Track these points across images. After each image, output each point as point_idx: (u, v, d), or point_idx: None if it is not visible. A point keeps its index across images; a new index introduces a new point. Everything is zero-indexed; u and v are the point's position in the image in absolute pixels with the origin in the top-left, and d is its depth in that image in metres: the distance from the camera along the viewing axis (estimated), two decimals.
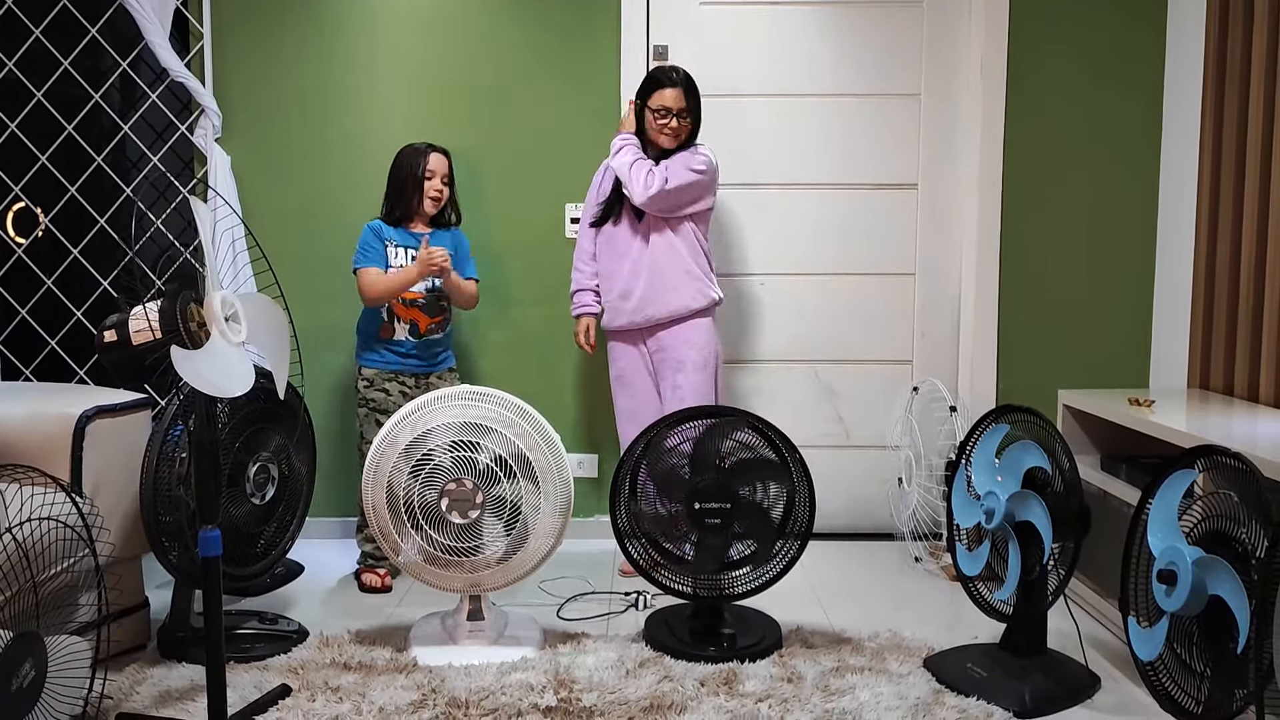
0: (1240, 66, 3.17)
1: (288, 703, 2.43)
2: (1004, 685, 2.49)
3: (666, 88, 3.24)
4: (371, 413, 3.32)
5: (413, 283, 3.25)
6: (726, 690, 2.51)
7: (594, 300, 3.43)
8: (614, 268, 3.35)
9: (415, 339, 3.32)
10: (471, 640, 2.76)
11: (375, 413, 3.31)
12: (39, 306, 3.64)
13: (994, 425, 2.70)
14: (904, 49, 3.73)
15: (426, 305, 3.32)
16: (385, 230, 3.33)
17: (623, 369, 3.41)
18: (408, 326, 3.31)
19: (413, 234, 3.35)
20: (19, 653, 1.88)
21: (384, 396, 3.32)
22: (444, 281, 3.29)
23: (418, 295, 3.30)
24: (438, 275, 3.25)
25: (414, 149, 3.34)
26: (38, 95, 3.56)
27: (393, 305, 3.30)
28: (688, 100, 3.24)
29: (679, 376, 3.29)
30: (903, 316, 3.82)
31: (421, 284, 3.29)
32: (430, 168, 3.31)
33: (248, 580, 2.83)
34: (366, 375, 3.35)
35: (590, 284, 3.43)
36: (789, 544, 2.81)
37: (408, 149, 3.36)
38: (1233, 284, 3.20)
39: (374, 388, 3.34)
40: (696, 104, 3.27)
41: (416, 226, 3.36)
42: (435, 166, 3.32)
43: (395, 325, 3.31)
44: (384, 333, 3.32)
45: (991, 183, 3.70)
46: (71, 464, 2.59)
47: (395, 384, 3.34)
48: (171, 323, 2.12)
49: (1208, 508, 2.13)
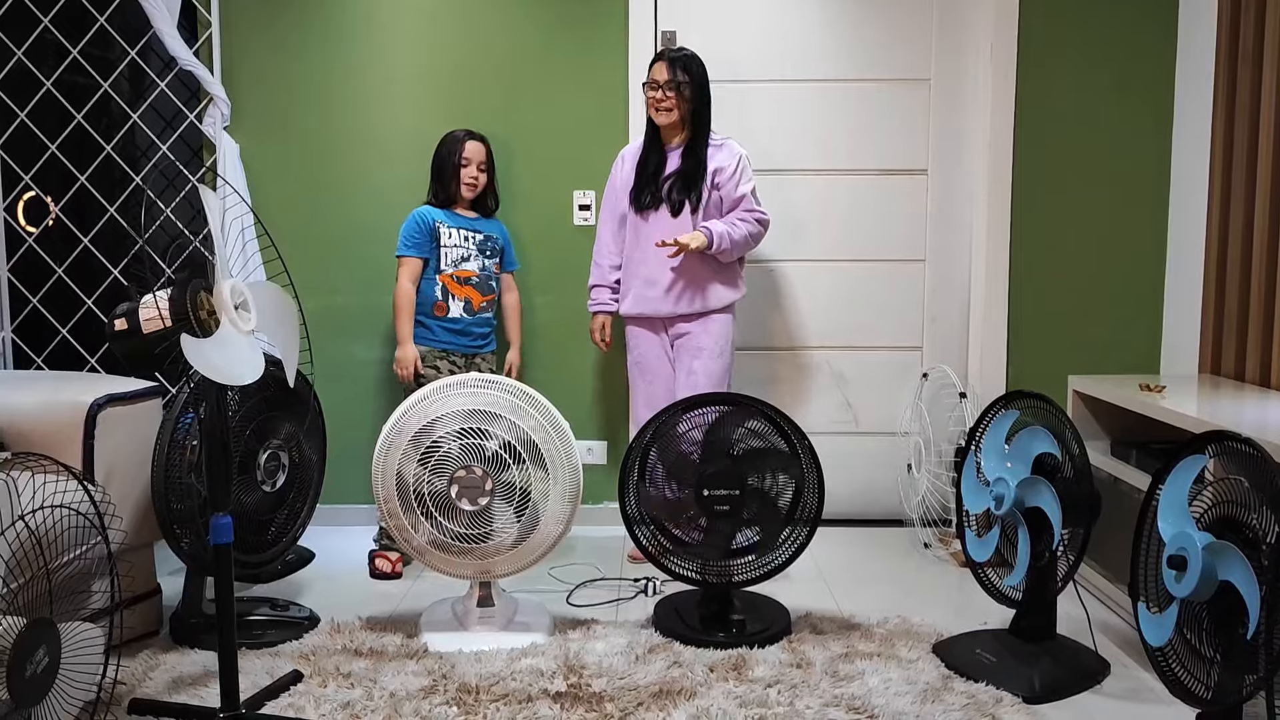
0: (1254, 46, 3.14)
1: (299, 688, 2.45)
2: (1013, 671, 2.49)
3: (655, 61, 3.27)
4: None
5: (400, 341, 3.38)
6: (736, 676, 2.52)
7: (611, 298, 3.42)
8: (642, 255, 3.31)
9: (469, 316, 3.41)
10: (482, 626, 2.77)
11: None
12: (50, 295, 3.65)
13: (1004, 411, 2.70)
14: (914, 34, 3.71)
15: (479, 284, 3.42)
16: (434, 214, 3.41)
17: (642, 354, 3.40)
18: (462, 304, 3.40)
19: (463, 216, 3.45)
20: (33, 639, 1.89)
21: (434, 374, 3.34)
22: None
23: (472, 273, 3.41)
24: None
25: (453, 136, 3.44)
26: (47, 84, 3.57)
27: (447, 283, 3.39)
28: (675, 74, 3.21)
29: (695, 362, 3.29)
30: (912, 303, 3.81)
31: (475, 262, 3.41)
32: (466, 155, 3.40)
33: (259, 567, 2.85)
34: (420, 351, 3.40)
35: (608, 280, 3.42)
36: (798, 530, 2.81)
37: (448, 136, 3.45)
38: (1244, 269, 3.18)
39: (425, 364, 3.40)
40: (694, 84, 3.23)
41: (461, 210, 3.45)
42: (471, 154, 3.41)
43: (449, 302, 3.40)
44: (438, 310, 3.39)
45: (1001, 168, 3.68)
46: (83, 452, 2.60)
47: (445, 362, 3.41)
48: (182, 311, 2.12)
49: (1218, 493, 2.12)
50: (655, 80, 3.24)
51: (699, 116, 3.27)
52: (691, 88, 3.24)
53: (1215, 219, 3.33)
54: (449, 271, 3.39)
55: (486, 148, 3.45)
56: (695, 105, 3.26)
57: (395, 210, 3.65)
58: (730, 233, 3.20)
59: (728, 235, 3.20)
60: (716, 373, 3.29)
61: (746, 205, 3.26)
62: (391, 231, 3.54)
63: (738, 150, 3.28)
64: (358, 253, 3.74)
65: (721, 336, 3.31)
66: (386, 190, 3.73)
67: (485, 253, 3.45)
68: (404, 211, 3.49)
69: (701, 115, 3.28)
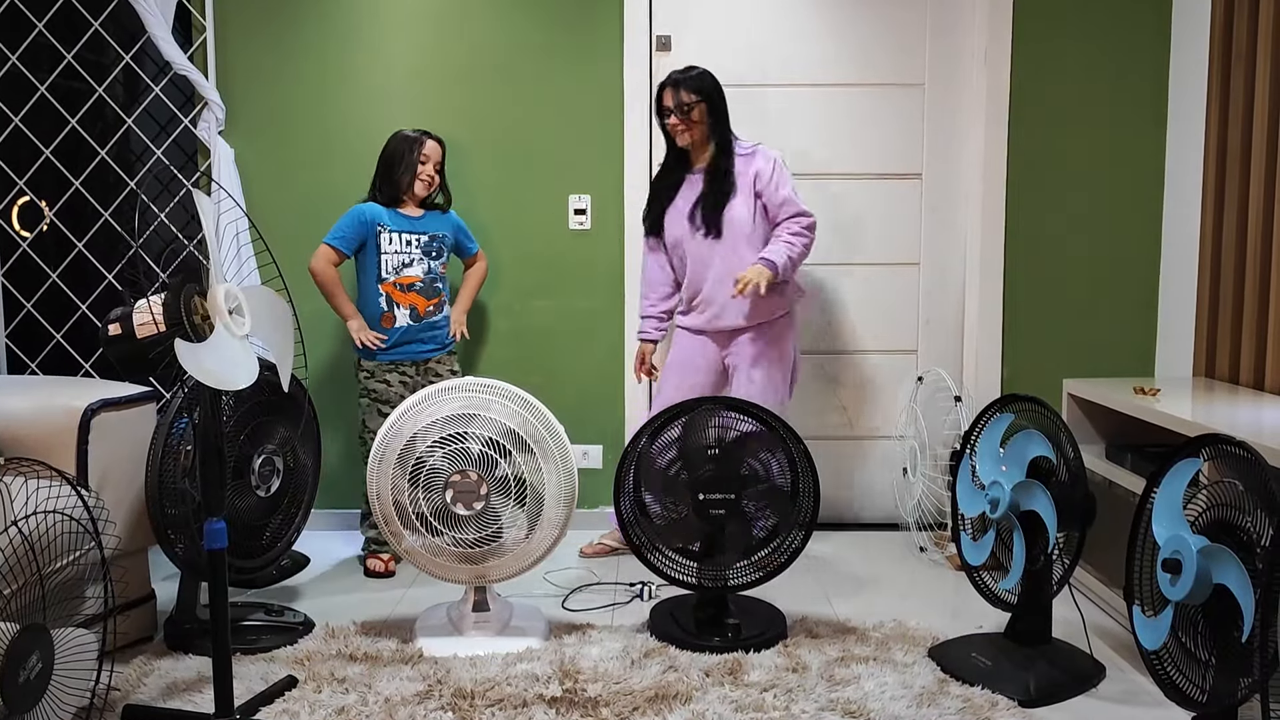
0: (1246, 50, 3.15)
1: (294, 694, 2.44)
2: (1009, 674, 2.49)
3: (661, 90, 3.25)
4: (374, 403, 3.34)
5: (347, 317, 3.35)
6: (732, 680, 2.52)
7: (656, 328, 3.42)
8: (697, 275, 3.30)
9: (415, 322, 3.35)
10: (477, 631, 2.77)
11: (377, 403, 3.33)
12: (44, 300, 3.65)
13: (999, 414, 2.70)
14: (907, 37, 3.72)
15: (424, 288, 3.35)
16: (378, 214, 3.33)
17: (683, 357, 3.38)
18: (407, 311, 3.34)
19: (407, 217, 3.36)
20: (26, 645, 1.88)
21: (385, 387, 3.33)
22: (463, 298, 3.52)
23: (415, 278, 3.34)
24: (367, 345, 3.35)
25: (406, 135, 3.37)
26: (41, 89, 3.56)
27: (390, 292, 3.32)
28: (683, 95, 3.20)
29: (755, 371, 3.28)
30: (907, 306, 3.82)
31: (419, 266, 3.33)
32: (425, 153, 3.35)
33: (254, 572, 2.84)
34: (367, 367, 3.37)
35: (655, 310, 3.42)
36: (793, 534, 2.81)
37: (399, 134, 3.38)
38: (1238, 272, 3.18)
39: (375, 379, 3.36)
40: (704, 101, 3.22)
41: (407, 208, 3.38)
42: (430, 153, 3.36)
43: (395, 312, 3.33)
44: (385, 322, 3.34)
45: (996, 171, 3.69)
46: (77, 457, 2.60)
47: (395, 374, 3.36)
48: (175, 315, 2.12)
49: (1213, 496, 2.12)
50: (666, 107, 3.23)
51: (718, 131, 3.26)
52: (701, 107, 3.22)
53: (1210, 222, 3.34)
54: (390, 280, 3.32)
55: (443, 147, 3.41)
56: (711, 121, 3.24)
57: None
58: (789, 254, 3.16)
59: (788, 258, 3.16)
60: (776, 381, 3.30)
61: (789, 209, 3.22)
62: None
63: (771, 154, 3.26)
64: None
65: (785, 343, 3.31)
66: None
67: (430, 254, 3.36)
68: None
69: (721, 129, 3.26)
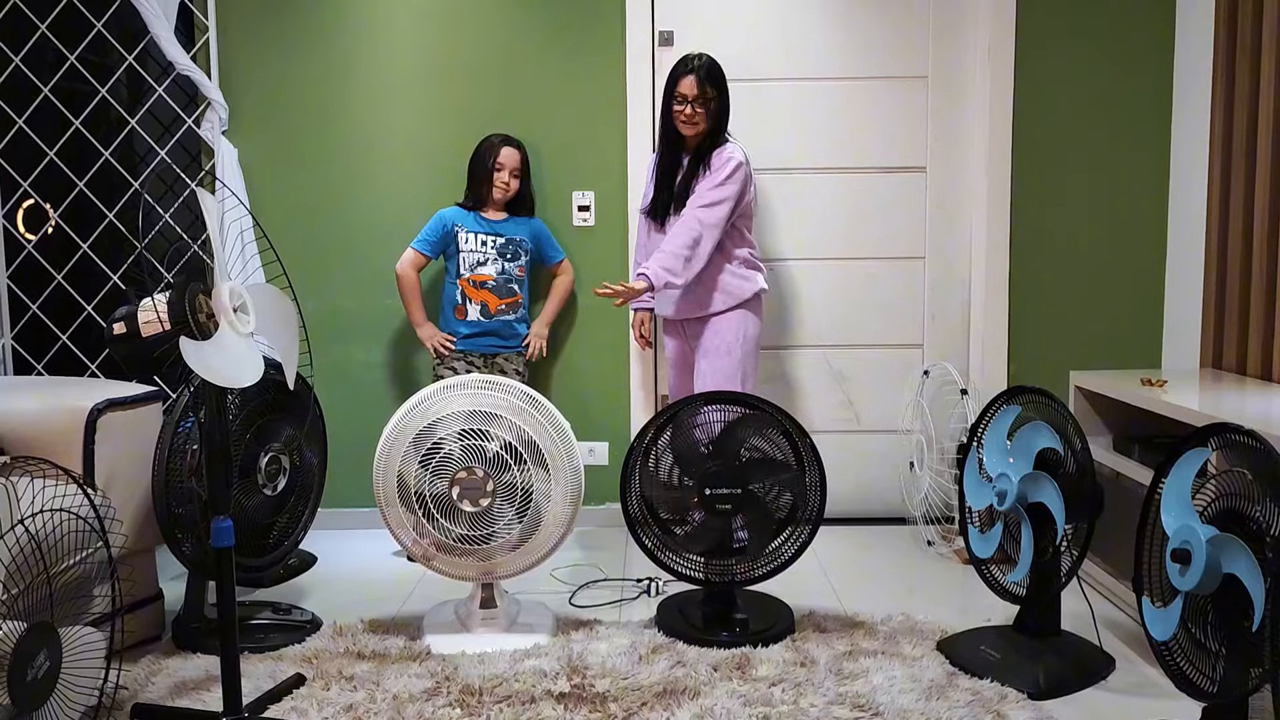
0: (1251, 40, 3.14)
1: (302, 692, 2.44)
2: (1018, 667, 2.48)
3: (683, 75, 3.20)
4: None
5: (417, 325, 3.55)
6: (739, 675, 2.51)
7: (649, 297, 3.41)
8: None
9: (486, 319, 3.47)
10: (484, 628, 2.77)
11: None
12: (50, 301, 3.65)
13: (1005, 407, 2.69)
14: (911, 31, 3.71)
15: (496, 287, 3.47)
16: (456, 217, 3.48)
17: (670, 352, 3.48)
18: (479, 307, 3.47)
19: (486, 220, 3.50)
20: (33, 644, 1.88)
21: (450, 374, 3.37)
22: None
23: (488, 277, 3.47)
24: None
25: (489, 141, 3.50)
26: (45, 91, 3.57)
27: (464, 287, 3.47)
28: (704, 89, 3.18)
29: (704, 362, 3.30)
30: (913, 300, 3.81)
31: (493, 266, 3.47)
32: (500, 160, 3.47)
33: (261, 571, 2.85)
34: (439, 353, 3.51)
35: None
36: (800, 529, 2.80)
37: (484, 141, 3.51)
38: (1245, 262, 3.17)
39: (444, 365, 3.49)
40: (720, 94, 3.21)
41: (489, 213, 3.51)
42: (505, 159, 3.48)
43: (467, 305, 3.48)
44: (458, 313, 3.49)
45: (1000, 164, 3.68)
46: (84, 457, 2.60)
47: (463, 363, 3.48)
48: (180, 314, 2.12)
49: (1221, 486, 2.11)
50: (684, 95, 3.20)
51: (719, 124, 3.25)
52: (719, 101, 3.22)
53: (1215, 212, 3.33)
54: (466, 275, 3.48)
55: (522, 154, 3.52)
56: (719, 115, 3.24)
57: (394, 212, 3.66)
58: (668, 264, 3.08)
59: (663, 269, 3.07)
60: (725, 370, 3.27)
61: (694, 200, 3.15)
62: (390, 233, 3.56)
63: (729, 154, 3.18)
64: (357, 255, 3.74)
65: (729, 334, 3.28)
66: (385, 192, 3.73)
67: (506, 256, 3.48)
68: (402, 213, 3.56)
69: (722, 123, 3.26)
